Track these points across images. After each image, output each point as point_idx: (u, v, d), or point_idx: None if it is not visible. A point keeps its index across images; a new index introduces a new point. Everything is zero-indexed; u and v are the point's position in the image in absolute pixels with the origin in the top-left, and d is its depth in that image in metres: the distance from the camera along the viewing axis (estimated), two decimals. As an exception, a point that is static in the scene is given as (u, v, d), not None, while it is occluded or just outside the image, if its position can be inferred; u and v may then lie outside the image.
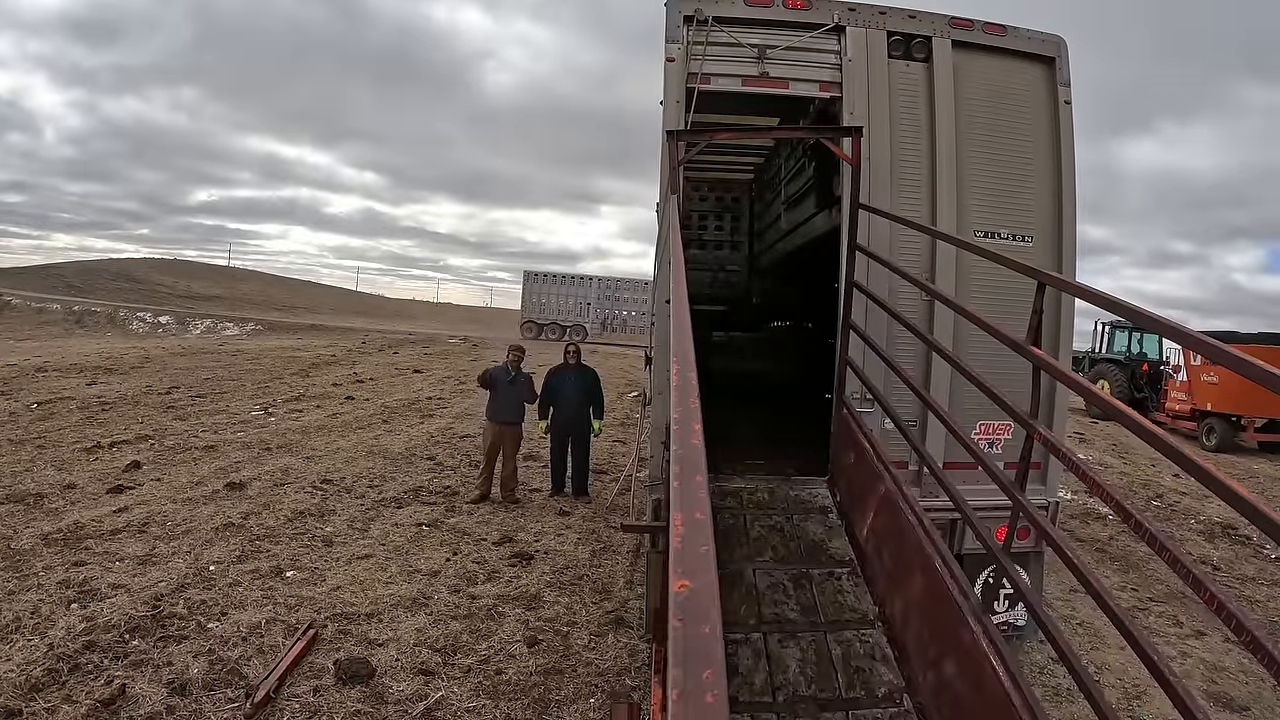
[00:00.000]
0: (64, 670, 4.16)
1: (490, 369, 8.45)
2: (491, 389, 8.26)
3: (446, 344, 28.12)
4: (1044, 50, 4.54)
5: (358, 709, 4.07)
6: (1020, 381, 2.89)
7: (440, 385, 17.43)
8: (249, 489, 7.96)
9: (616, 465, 9.87)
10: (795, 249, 7.07)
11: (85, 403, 12.64)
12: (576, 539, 7.05)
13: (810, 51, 4.39)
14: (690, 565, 0.91)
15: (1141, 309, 2.20)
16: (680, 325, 1.95)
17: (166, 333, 29.57)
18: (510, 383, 8.21)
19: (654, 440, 4.35)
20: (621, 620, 5.35)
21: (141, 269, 43.82)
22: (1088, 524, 8.81)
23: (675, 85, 4.28)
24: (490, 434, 8.18)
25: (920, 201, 4.38)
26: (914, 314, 4.13)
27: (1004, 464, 3.92)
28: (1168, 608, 6.34)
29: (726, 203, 10.08)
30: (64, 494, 7.50)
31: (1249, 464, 14.31)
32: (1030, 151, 4.53)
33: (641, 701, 4.08)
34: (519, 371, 8.32)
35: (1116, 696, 4.74)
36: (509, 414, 8.18)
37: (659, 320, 4.43)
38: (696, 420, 1.34)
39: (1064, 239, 4.50)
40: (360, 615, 5.15)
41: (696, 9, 4.24)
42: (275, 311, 38.18)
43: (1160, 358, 18.56)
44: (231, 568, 5.80)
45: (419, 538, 6.85)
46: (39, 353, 19.76)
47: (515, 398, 8.23)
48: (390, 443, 10.75)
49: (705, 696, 0.71)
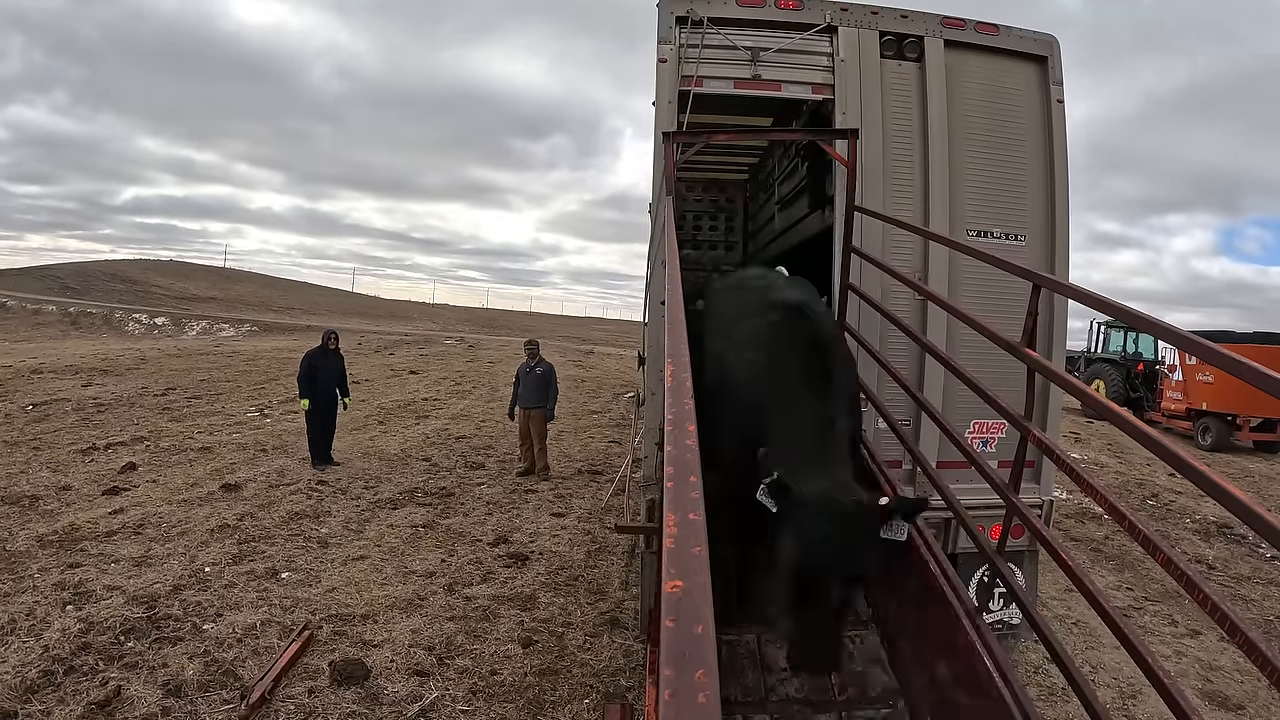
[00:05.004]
0: (59, 672, 4.15)
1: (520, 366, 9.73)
2: (518, 380, 9.59)
3: (443, 345, 28.07)
4: (1036, 49, 4.55)
5: (352, 710, 4.06)
6: (1014, 379, 2.89)
7: (436, 386, 17.40)
8: (244, 490, 7.95)
9: (611, 466, 9.87)
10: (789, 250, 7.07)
11: (81, 404, 12.61)
12: (571, 540, 7.05)
13: (802, 53, 4.39)
14: (683, 566, 0.92)
15: (1135, 310, 2.20)
16: (674, 326, 1.96)
17: (162, 334, 29.46)
18: (529, 372, 9.42)
19: (648, 441, 4.35)
20: (616, 621, 5.35)
21: (136, 270, 43.65)
22: (1083, 523, 8.83)
23: (668, 86, 4.27)
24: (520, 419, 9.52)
25: (913, 201, 4.39)
26: (907, 314, 4.13)
27: (997, 462, 3.92)
28: (1163, 607, 6.36)
29: (720, 203, 10.07)
30: (59, 496, 7.48)
31: (1244, 463, 14.36)
32: (1023, 151, 4.53)
33: (636, 702, 4.07)
34: (539, 361, 9.53)
35: (1111, 696, 4.75)
36: (531, 400, 9.35)
37: (653, 321, 4.42)
38: (691, 421, 1.34)
39: (1056, 238, 4.51)
40: (355, 616, 5.15)
41: (689, 10, 4.24)
42: (271, 313, 38.06)
43: (1155, 357, 18.59)
44: (227, 569, 5.78)
45: (414, 539, 6.84)
46: (35, 354, 19.68)
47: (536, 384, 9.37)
48: (386, 444, 10.74)
49: (697, 697, 0.71)
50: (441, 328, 38.99)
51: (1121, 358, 19.52)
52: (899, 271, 3.72)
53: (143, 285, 39.84)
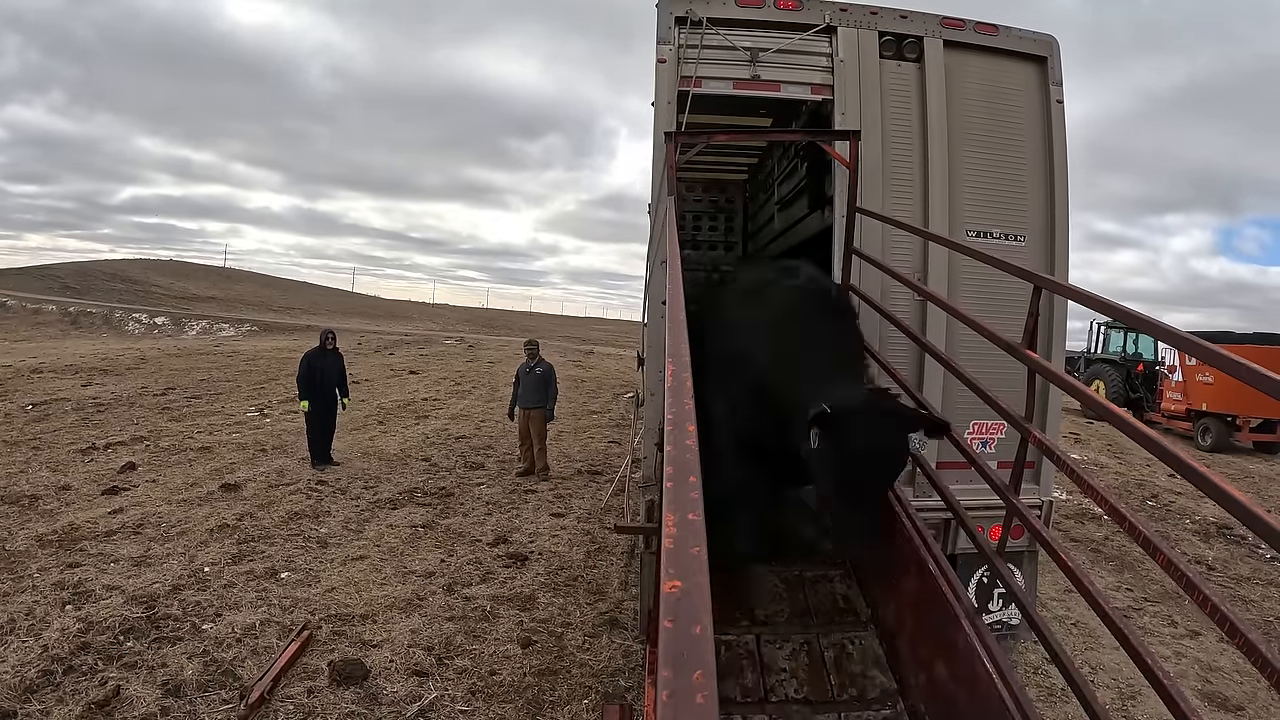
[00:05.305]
0: (58, 672, 4.15)
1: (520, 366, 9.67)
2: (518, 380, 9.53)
3: (443, 345, 28.07)
4: (1036, 50, 4.55)
5: (352, 710, 4.06)
6: (1014, 380, 2.89)
7: (435, 387, 17.40)
8: (244, 490, 7.95)
9: (611, 466, 9.87)
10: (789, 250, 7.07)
11: (80, 404, 12.61)
12: (571, 540, 7.05)
13: (802, 53, 4.39)
14: (682, 566, 0.91)
15: (1135, 311, 2.20)
16: (675, 326, 1.95)
17: (162, 333, 29.45)
18: (529, 373, 9.39)
19: (648, 441, 4.35)
20: (616, 621, 5.35)
21: (136, 270, 43.67)
22: (1083, 524, 8.83)
23: (667, 87, 4.27)
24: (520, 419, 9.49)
25: (912, 202, 4.39)
26: (907, 314, 4.13)
27: (997, 463, 3.92)
28: (1163, 608, 6.35)
29: (720, 203, 10.06)
30: (59, 495, 7.48)
31: (1244, 464, 14.36)
32: (1022, 151, 4.53)
33: (634, 703, 4.07)
34: (539, 361, 9.49)
35: (1111, 697, 4.74)
36: (530, 400, 9.31)
37: (653, 321, 4.42)
38: (690, 422, 1.34)
39: (1056, 238, 4.51)
40: (355, 616, 5.15)
41: (688, 10, 4.23)
42: (271, 312, 38.06)
43: (1155, 358, 18.59)
44: (226, 569, 5.78)
45: (414, 539, 6.84)
46: (35, 354, 19.68)
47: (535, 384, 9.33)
48: (385, 444, 10.74)
49: (696, 698, 0.71)
50: (441, 328, 38.99)
51: (1121, 358, 19.52)
52: (899, 272, 3.72)
53: (143, 285, 39.84)
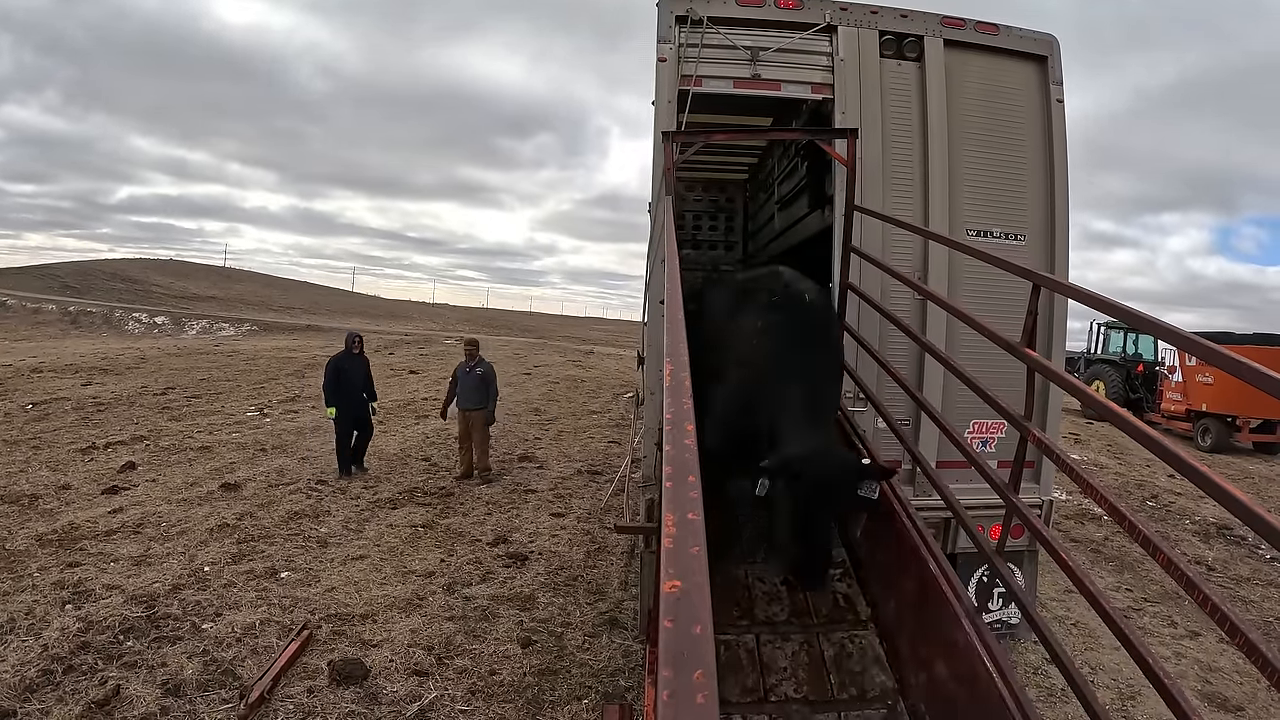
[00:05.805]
0: (58, 671, 4.15)
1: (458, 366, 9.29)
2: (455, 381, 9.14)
3: (443, 344, 28.06)
4: (1036, 49, 4.55)
5: (351, 710, 4.06)
6: (1014, 379, 2.89)
7: (436, 386, 17.38)
8: (244, 490, 7.94)
9: (611, 466, 9.86)
10: (789, 249, 7.07)
11: (80, 403, 12.61)
12: (570, 540, 7.05)
13: (802, 53, 4.39)
14: (682, 566, 0.91)
15: (1136, 310, 2.20)
16: (674, 326, 1.95)
17: (162, 333, 29.44)
18: (468, 373, 9.02)
19: (648, 441, 4.35)
20: (615, 621, 5.34)
21: (136, 269, 43.67)
22: (1083, 524, 8.83)
23: (667, 86, 4.27)
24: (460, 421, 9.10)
25: (913, 201, 4.39)
26: (907, 313, 4.13)
27: (997, 462, 3.92)
28: (1163, 608, 6.35)
29: (720, 203, 10.06)
30: (59, 495, 7.48)
31: (1244, 464, 14.36)
32: (1023, 150, 4.53)
33: (634, 703, 4.07)
34: (478, 360, 9.14)
35: (1111, 697, 4.74)
36: (470, 401, 8.96)
37: (652, 321, 4.42)
38: (689, 421, 1.34)
39: (1056, 237, 4.51)
40: (355, 616, 5.14)
41: (689, 9, 4.23)
42: (271, 312, 38.05)
43: (1155, 358, 18.59)
44: (226, 568, 5.78)
45: (414, 539, 6.84)
46: (35, 353, 19.68)
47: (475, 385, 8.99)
48: (385, 444, 10.72)
49: (696, 697, 0.71)
50: (441, 327, 38.98)
51: (1121, 358, 19.52)
52: (899, 271, 3.72)
53: (143, 284, 39.85)
